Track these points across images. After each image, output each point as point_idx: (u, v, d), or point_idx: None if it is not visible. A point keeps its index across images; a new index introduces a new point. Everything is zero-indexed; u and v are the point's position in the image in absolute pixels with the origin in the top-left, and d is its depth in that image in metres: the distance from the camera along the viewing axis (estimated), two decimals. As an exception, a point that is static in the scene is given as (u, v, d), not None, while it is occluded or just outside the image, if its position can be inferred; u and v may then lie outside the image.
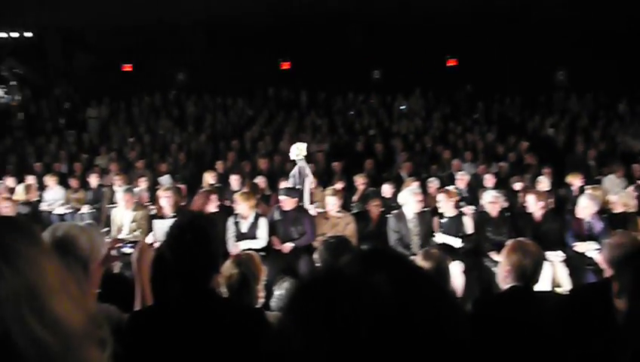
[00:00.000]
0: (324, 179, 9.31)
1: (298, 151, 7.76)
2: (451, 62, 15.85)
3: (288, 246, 5.98)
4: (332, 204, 6.32)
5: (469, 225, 6.20)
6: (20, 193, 7.58)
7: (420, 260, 3.05)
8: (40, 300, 0.80)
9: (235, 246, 5.67)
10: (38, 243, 0.89)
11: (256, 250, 5.60)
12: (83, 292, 0.89)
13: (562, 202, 7.82)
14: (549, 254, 5.02)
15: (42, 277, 0.82)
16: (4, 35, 15.54)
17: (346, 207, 7.22)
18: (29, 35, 15.83)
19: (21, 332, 0.76)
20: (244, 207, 5.94)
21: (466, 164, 10.27)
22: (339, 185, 8.35)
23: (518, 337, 2.47)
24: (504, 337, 2.44)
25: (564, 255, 5.62)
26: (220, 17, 14.56)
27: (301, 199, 6.80)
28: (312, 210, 7.43)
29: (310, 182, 7.57)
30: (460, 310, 0.83)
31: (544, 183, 7.95)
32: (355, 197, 8.54)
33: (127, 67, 17.00)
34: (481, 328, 2.44)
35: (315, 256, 5.54)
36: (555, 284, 5.52)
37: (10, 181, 9.16)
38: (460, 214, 6.38)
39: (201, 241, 1.98)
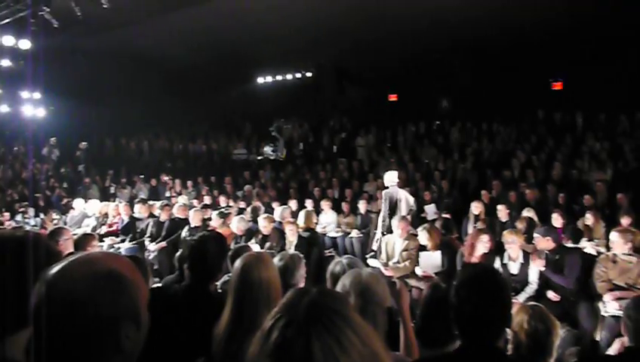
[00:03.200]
0: (605, 214, 8.23)
1: (390, 178, 8.12)
2: None
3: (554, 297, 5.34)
4: (620, 244, 5.44)
5: None
6: (301, 219, 8.21)
7: None
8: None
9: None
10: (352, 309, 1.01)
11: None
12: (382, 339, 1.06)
13: None
14: None
15: (374, 341, 0.95)
16: (289, 76, 17.92)
17: (638, 249, 6.17)
18: (309, 74, 17.88)
19: None
20: (513, 247, 5.54)
21: None
22: (626, 221, 7.25)
23: None
24: None
25: None
26: (484, 39, 14.19)
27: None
28: (590, 249, 6.60)
29: (409, 206, 7.81)
30: None
31: None
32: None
33: (393, 97, 17.85)
34: None
35: (612, 306, 4.83)
36: None
37: (292, 204, 10.25)
38: None
39: (495, 295, 1.84)
